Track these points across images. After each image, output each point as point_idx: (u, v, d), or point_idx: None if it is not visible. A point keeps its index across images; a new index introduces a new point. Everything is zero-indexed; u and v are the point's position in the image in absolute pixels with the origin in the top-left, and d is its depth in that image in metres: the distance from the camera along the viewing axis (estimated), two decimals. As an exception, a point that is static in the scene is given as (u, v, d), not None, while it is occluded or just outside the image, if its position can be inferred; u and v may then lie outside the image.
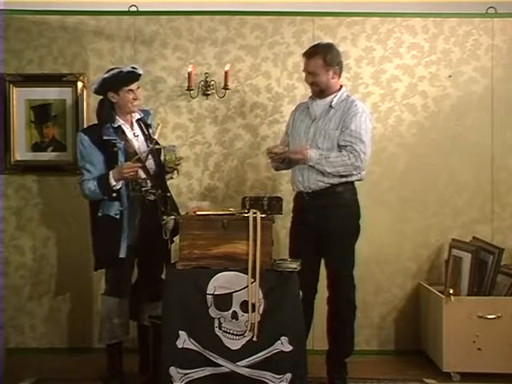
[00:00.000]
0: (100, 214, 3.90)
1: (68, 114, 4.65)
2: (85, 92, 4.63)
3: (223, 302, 3.56)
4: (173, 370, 3.56)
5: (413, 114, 4.67)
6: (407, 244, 4.66)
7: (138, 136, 4.04)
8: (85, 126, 4.40)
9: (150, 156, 3.99)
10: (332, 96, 3.93)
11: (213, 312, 3.56)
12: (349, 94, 4.02)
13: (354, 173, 3.85)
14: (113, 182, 3.84)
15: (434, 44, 4.67)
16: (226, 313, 3.56)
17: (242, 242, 3.58)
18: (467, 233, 4.57)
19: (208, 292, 3.56)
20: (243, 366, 3.54)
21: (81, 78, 4.62)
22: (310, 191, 3.89)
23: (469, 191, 4.66)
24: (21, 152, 4.66)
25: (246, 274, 3.54)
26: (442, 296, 4.15)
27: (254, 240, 3.54)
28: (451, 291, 4.11)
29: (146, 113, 4.18)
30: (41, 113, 4.66)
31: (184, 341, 3.56)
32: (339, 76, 3.96)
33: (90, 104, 4.63)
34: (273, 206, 3.71)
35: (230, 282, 3.56)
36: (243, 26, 4.67)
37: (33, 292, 4.67)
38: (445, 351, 4.10)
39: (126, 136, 3.98)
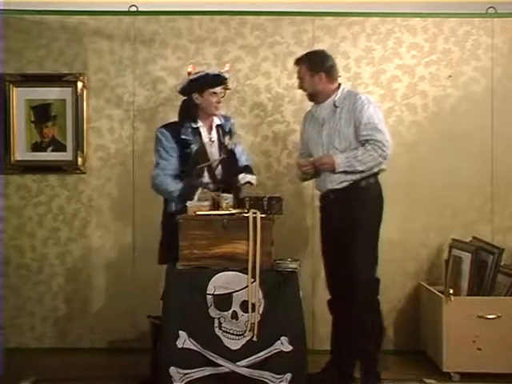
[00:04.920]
0: (172, 210, 3.93)
1: (68, 114, 4.65)
2: (85, 92, 4.63)
3: (223, 301, 3.56)
4: (173, 370, 3.55)
5: (413, 114, 4.68)
6: (407, 244, 4.66)
7: (213, 141, 4.05)
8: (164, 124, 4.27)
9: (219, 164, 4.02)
10: (333, 96, 3.94)
11: (213, 312, 3.56)
12: (349, 89, 4.01)
13: (384, 162, 3.86)
14: (195, 198, 3.82)
15: (434, 44, 4.68)
16: (226, 313, 3.56)
17: (241, 241, 3.58)
18: (467, 233, 4.56)
19: (208, 292, 3.56)
20: (243, 366, 3.54)
21: (81, 77, 4.62)
22: (333, 191, 3.89)
23: (469, 191, 4.65)
24: (21, 152, 4.66)
25: (246, 273, 3.54)
26: (442, 296, 4.15)
27: (254, 240, 3.54)
28: (451, 291, 4.11)
29: (227, 119, 4.19)
30: (41, 113, 4.66)
31: (184, 341, 3.56)
32: (330, 80, 3.95)
33: (89, 104, 4.65)
34: (273, 205, 3.70)
35: (229, 282, 3.56)
36: (243, 26, 4.67)
37: (33, 292, 4.67)
38: (445, 351, 4.09)
39: (201, 139, 4.01)
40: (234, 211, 3.68)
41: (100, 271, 4.67)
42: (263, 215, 3.60)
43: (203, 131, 4.03)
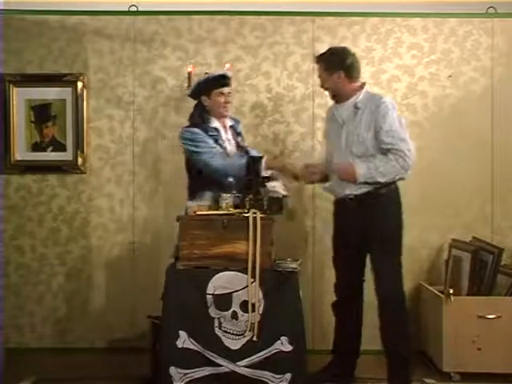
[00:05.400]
0: None
1: (68, 114, 4.65)
2: (85, 92, 4.63)
3: (223, 301, 3.56)
4: (173, 370, 3.56)
5: (413, 114, 4.67)
6: (407, 244, 4.63)
7: (230, 141, 4.10)
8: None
9: None
10: (354, 97, 3.84)
11: (213, 312, 3.57)
12: (372, 91, 3.92)
13: (409, 173, 3.77)
14: (263, 167, 3.87)
15: (434, 44, 4.68)
16: (226, 313, 3.56)
17: (241, 241, 3.57)
18: (467, 233, 4.57)
19: (208, 292, 3.56)
20: (243, 366, 3.54)
21: (81, 77, 4.62)
22: (352, 197, 3.81)
23: (469, 191, 4.65)
24: (21, 152, 4.66)
25: (246, 273, 3.54)
26: (442, 296, 4.15)
27: (254, 240, 3.54)
28: (451, 291, 4.11)
29: (236, 121, 4.24)
30: (41, 113, 4.66)
31: (184, 341, 3.56)
32: (350, 79, 3.84)
33: (90, 104, 4.65)
34: (273, 205, 3.70)
35: (229, 281, 3.56)
36: (243, 26, 4.67)
37: (33, 292, 4.67)
38: (445, 351, 4.10)
39: (222, 138, 4.05)
40: (233, 211, 3.68)
41: (100, 271, 4.67)
42: (263, 215, 3.60)
43: (222, 131, 4.08)
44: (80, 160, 4.64)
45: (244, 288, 3.54)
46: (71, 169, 4.65)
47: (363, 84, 3.89)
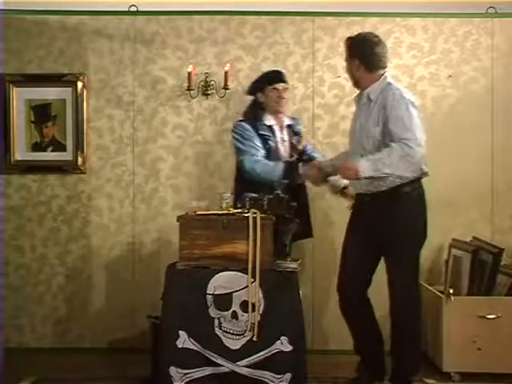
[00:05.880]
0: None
1: (68, 114, 4.65)
2: (85, 92, 4.63)
3: (223, 301, 3.56)
4: (173, 370, 3.56)
5: (413, 114, 4.67)
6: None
7: (284, 141, 4.10)
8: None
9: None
10: (369, 88, 3.69)
11: (213, 312, 3.57)
12: (389, 81, 3.67)
13: (415, 161, 3.46)
14: (300, 171, 3.88)
15: (434, 44, 4.67)
16: (226, 313, 3.56)
17: (241, 241, 3.57)
18: (467, 233, 4.56)
19: (208, 292, 3.56)
20: (243, 366, 3.54)
21: (81, 77, 4.62)
22: (368, 193, 3.68)
23: (469, 191, 4.65)
24: (21, 152, 4.66)
25: (246, 273, 3.54)
26: (442, 296, 4.15)
27: (254, 240, 3.54)
28: (451, 291, 4.11)
29: (296, 121, 4.25)
30: (41, 113, 4.66)
31: (184, 341, 3.56)
32: (368, 69, 3.65)
33: (89, 104, 4.65)
34: (273, 205, 3.69)
35: (229, 281, 3.56)
36: (243, 26, 4.67)
37: (33, 292, 4.67)
38: (445, 351, 4.09)
39: (275, 137, 4.06)
40: (234, 211, 3.68)
41: (100, 271, 4.67)
42: (263, 215, 3.60)
43: (276, 129, 4.07)
44: (80, 160, 4.64)
45: (244, 288, 3.55)
46: (71, 169, 4.65)
47: (382, 75, 3.71)
